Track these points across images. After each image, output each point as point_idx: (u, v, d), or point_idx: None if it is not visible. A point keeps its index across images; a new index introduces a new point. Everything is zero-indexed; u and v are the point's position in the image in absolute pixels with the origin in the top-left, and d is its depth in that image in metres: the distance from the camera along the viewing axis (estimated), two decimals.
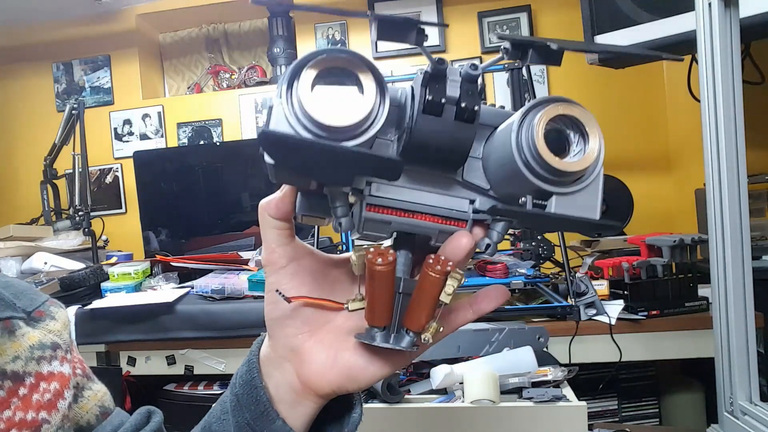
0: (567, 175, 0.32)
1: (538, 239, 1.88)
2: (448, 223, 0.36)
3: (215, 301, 1.73)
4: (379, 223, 0.35)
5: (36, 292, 0.53)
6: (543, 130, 0.32)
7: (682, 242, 1.71)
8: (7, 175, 3.23)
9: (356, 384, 0.39)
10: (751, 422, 0.95)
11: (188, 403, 1.78)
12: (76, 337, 1.69)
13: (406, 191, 0.35)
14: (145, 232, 2.65)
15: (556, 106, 0.33)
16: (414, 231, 0.36)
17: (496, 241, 0.35)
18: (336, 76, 0.32)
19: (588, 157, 0.33)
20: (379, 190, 0.35)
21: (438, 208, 0.36)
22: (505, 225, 0.35)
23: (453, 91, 0.33)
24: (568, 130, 0.34)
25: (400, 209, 0.35)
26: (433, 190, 0.36)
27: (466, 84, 0.33)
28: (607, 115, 2.75)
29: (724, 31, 0.98)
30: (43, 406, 0.46)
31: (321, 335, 0.40)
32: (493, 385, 1.05)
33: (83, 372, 0.53)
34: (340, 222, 0.35)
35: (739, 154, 0.98)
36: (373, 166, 0.31)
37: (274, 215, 0.38)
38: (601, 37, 1.61)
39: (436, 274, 0.34)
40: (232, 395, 0.42)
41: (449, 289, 0.34)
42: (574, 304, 1.56)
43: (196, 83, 3.32)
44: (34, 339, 0.48)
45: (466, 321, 0.39)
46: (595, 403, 1.79)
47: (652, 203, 2.57)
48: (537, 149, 0.32)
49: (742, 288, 0.99)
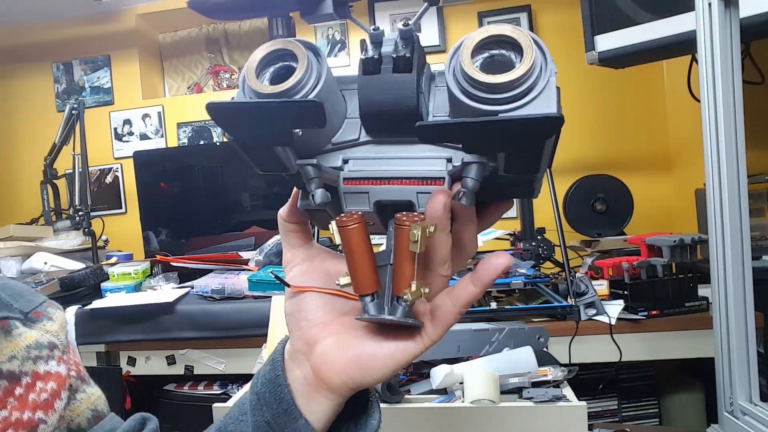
0: (505, 90, 0.32)
1: (538, 239, 1.88)
2: (425, 183, 0.36)
3: (215, 301, 1.73)
4: (358, 194, 0.36)
5: (33, 294, 0.53)
6: (470, 52, 0.32)
7: (682, 242, 1.71)
8: (7, 175, 3.24)
9: (367, 373, 0.38)
10: (751, 422, 0.95)
11: (188, 403, 1.78)
12: (76, 337, 1.69)
13: (383, 161, 0.37)
14: (145, 232, 2.65)
15: (484, 29, 0.33)
16: (392, 197, 0.36)
17: (471, 188, 0.34)
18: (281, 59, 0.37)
19: (520, 68, 0.32)
20: (355, 165, 0.37)
21: (414, 171, 0.36)
22: (477, 168, 0.34)
23: (388, 48, 0.35)
24: (508, 53, 0.33)
25: (375, 178, 0.36)
26: (408, 156, 0.36)
27: (401, 41, 0.35)
28: (607, 115, 2.75)
29: (724, 31, 0.98)
30: (40, 406, 0.46)
31: (334, 326, 0.40)
32: (493, 385, 1.05)
33: (78, 374, 0.53)
34: (313, 195, 0.36)
35: (739, 154, 0.98)
36: (296, 114, 0.33)
37: (287, 219, 0.42)
38: (601, 37, 1.61)
39: (404, 225, 0.34)
40: (253, 394, 0.42)
41: (413, 236, 0.33)
42: (574, 304, 1.56)
43: (196, 83, 3.33)
44: (31, 339, 0.48)
45: (470, 295, 0.37)
46: (595, 403, 1.79)
47: (652, 203, 2.57)
48: (465, 71, 0.32)
49: (742, 288, 0.99)
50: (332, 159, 0.37)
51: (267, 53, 0.37)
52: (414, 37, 0.35)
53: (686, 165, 2.60)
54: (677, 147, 2.68)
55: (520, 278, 1.64)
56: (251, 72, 0.36)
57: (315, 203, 0.36)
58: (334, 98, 0.38)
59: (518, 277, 1.64)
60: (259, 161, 0.38)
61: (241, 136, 0.35)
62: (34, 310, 0.51)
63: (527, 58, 0.32)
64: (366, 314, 0.36)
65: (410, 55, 0.34)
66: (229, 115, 0.34)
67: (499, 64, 0.33)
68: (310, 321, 0.40)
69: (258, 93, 0.36)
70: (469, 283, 0.36)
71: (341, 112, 0.38)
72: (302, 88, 0.35)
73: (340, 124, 0.38)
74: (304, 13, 0.37)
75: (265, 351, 1.33)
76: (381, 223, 0.38)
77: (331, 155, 0.38)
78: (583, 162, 2.63)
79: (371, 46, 0.35)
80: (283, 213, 0.42)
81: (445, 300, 0.37)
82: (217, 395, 1.76)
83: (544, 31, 2.83)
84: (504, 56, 0.33)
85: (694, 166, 2.41)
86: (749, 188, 0.99)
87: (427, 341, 0.38)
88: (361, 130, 0.37)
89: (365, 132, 0.37)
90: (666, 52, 1.57)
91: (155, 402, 1.85)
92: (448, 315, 0.37)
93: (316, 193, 0.36)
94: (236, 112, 0.34)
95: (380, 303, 0.36)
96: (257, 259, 1.84)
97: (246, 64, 0.37)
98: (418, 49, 0.35)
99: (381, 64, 0.35)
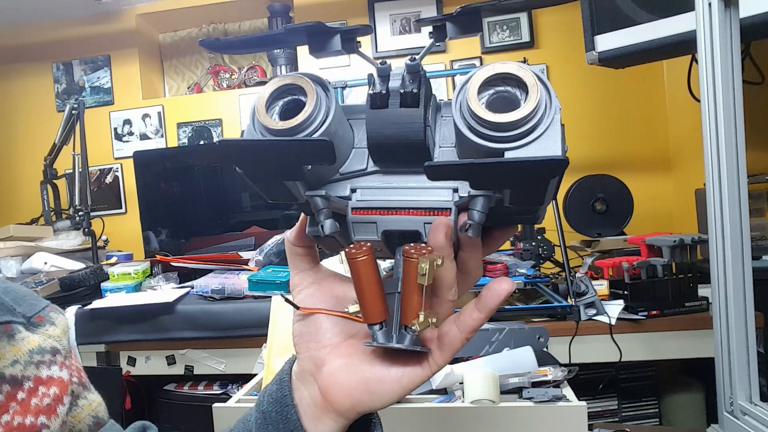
0: (510, 128, 0.32)
1: (538, 239, 1.88)
2: (431, 214, 0.36)
3: (215, 301, 1.73)
4: (366, 224, 0.37)
5: (36, 298, 0.52)
6: (477, 89, 0.33)
7: (682, 242, 1.71)
8: (7, 175, 3.24)
9: (375, 398, 0.39)
10: (751, 422, 0.95)
11: (188, 403, 1.78)
12: (76, 337, 1.69)
13: (390, 191, 0.37)
14: (145, 232, 2.65)
15: (490, 67, 0.33)
16: (400, 227, 0.37)
17: (478, 221, 0.35)
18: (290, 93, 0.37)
19: (525, 107, 0.32)
20: (363, 194, 0.37)
21: (421, 201, 0.36)
22: (483, 201, 0.35)
23: (395, 83, 0.35)
24: (513, 89, 0.34)
25: (383, 208, 0.37)
26: (415, 186, 0.37)
27: (408, 75, 0.35)
28: (607, 115, 2.75)
29: (724, 31, 0.98)
30: (42, 411, 0.46)
31: (342, 348, 0.40)
32: (493, 385, 1.05)
33: (79, 380, 0.53)
34: (322, 225, 0.36)
35: (739, 154, 0.98)
36: (306, 151, 0.33)
37: (294, 243, 0.42)
38: (601, 37, 1.61)
39: (412, 258, 0.34)
40: (259, 413, 0.42)
41: (422, 270, 0.34)
42: (574, 304, 1.56)
43: (196, 83, 3.33)
44: (34, 343, 0.48)
45: (476, 321, 0.37)
46: (595, 403, 1.79)
47: (652, 203, 2.57)
48: (471, 109, 0.32)
49: (742, 288, 0.99)
50: (340, 188, 0.38)
51: (276, 88, 0.37)
52: (421, 72, 0.35)
53: (686, 165, 2.60)
54: (677, 147, 2.68)
55: (520, 278, 1.64)
56: (261, 107, 0.36)
57: (324, 233, 0.36)
58: (343, 130, 0.38)
59: (518, 277, 1.64)
60: (268, 192, 0.38)
61: (251, 171, 0.35)
62: (37, 315, 0.51)
63: (532, 96, 0.32)
64: (375, 342, 0.37)
65: (417, 90, 0.35)
66: (240, 153, 0.34)
67: (504, 100, 0.34)
68: (319, 342, 0.40)
69: (268, 128, 0.36)
70: (474, 309, 0.37)
71: (349, 141, 0.39)
72: (312, 123, 0.35)
73: (348, 153, 0.39)
74: (313, 50, 0.38)
75: (265, 351, 1.32)
76: (388, 249, 0.38)
77: (339, 184, 0.38)
78: (583, 162, 2.63)
79: (378, 80, 0.36)
80: (291, 237, 0.42)
81: (452, 326, 0.38)
82: (217, 395, 1.75)
83: (544, 31, 2.83)
84: (509, 93, 0.34)
85: (694, 166, 2.41)
86: (749, 188, 0.99)
87: (434, 367, 0.39)
88: (369, 160, 0.38)
89: (372, 162, 0.38)
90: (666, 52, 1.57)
91: (155, 402, 1.85)
92: (454, 341, 0.38)
93: (325, 224, 0.36)
94: (247, 149, 0.34)
95: (389, 331, 0.37)
96: (257, 259, 1.84)
97: (256, 99, 0.37)
98: (424, 83, 0.36)
99: (389, 98, 0.35)
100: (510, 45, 2.84)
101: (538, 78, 0.33)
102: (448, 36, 0.37)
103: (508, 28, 2.84)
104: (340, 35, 0.37)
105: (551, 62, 2.81)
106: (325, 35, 0.37)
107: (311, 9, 3.01)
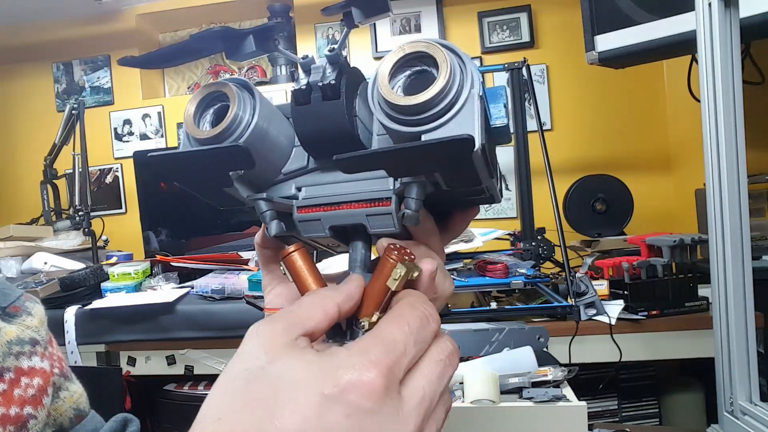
0: (424, 110, 0.31)
1: (538, 239, 1.88)
2: (372, 205, 0.36)
3: (215, 301, 1.73)
4: (311, 222, 0.37)
5: (10, 287, 0.52)
6: (388, 72, 0.32)
7: (682, 242, 1.71)
8: (7, 175, 3.23)
9: None
10: (751, 422, 0.95)
11: (188, 403, 1.77)
12: (76, 337, 1.69)
13: (332, 186, 0.37)
14: (145, 232, 2.65)
15: (399, 48, 0.33)
16: (344, 222, 0.37)
17: (414, 208, 0.34)
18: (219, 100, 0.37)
19: (434, 86, 0.31)
20: (308, 192, 0.37)
21: (361, 194, 0.36)
22: (417, 188, 0.34)
23: (315, 77, 0.35)
24: (430, 68, 0.33)
25: (324, 204, 0.37)
26: (356, 178, 0.36)
27: (329, 66, 0.35)
28: (607, 115, 2.75)
29: (724, 31, 0.98)
30: (28, 402, 0.45)
31: None
32: (493, 385, 1.05)
33: (60, 371, 0.52)
34: (267, 227, 0.37)
35: (739, 154, 0.98)
36: (224, 158, 0.34)
37: (260, 244, 0.43)
38: (601, 37, 1.61)
39: (391, 259, 0.33)
40: None
41: (395, 275, 0.32)
42: (574, 304, 1.56)
43: (196, 83, 3.33)
44: (12, 334, 0.47)
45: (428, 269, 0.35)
46: (595, 403, 1.79)
47: (652, 203, 2.57)
48: (382, 95, 0.32)
49: (742, 288, 0.99)
50: (285, 189, 0.38)
51: (202, 97, 0.37)
52: (341, 61, 0.35)
53: (686, 165, 2.60)
54: (677, 147, 2.68)
55: (520, 278, 1.64)
56: (189, 118, 0.37)
57: (270, 235, 0.37)
58: (277, 129, 0.37)
59: (518, 277, 1.64)
60: (213, 200, 0.39)
61: (186, 183, 0.36)
62: (12, 305, 0.50)
63: (442, 74, 0.31)
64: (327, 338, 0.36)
65: (336, 81, 0.34)
66: (164, 167, 0.34)
67: (423, 81, 0.33)
68: None
69: (197, 138, 0.36)
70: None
71: (288, 140, 0.38)
72: (238, 126, 0.35)
73: (288, 153, 0.38)
74: (228, 55, 0.37)
75: None
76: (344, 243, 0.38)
77: (284, 185, 0.38)
78: (583, 162, 2.63)
79: (303, 75, 0.35)
80: (257, 239, 0.43)
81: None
82: None
83: (544, 31, 2.83)
84: (427, 72, 0.33)
85: (694, 166, 2.42)
86: (749, 188, 0.98)
87: None
88: (309, 157, 0.38)
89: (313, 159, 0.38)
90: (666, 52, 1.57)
91: (155, 402, 1.85)
92: None
93: (270, 226, 0.36)
94: (168, 162, 0.34)
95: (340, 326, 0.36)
96: (257, 259, 1.84)
97: (186, 109, 0.37)
98: (347, 72, 0.35)
99: (311, 93, 0.35)
100: (510, 45, 2.84)
101: (450, 51, 0.32)
102: (355, 21, 0.36)
103: (507, 28, 2.84)
104: (252, 36, 0.37)
105: (551, 62, 2.81)
106: (237, 39, 0.37)
107: (311, 9, 3.01)
